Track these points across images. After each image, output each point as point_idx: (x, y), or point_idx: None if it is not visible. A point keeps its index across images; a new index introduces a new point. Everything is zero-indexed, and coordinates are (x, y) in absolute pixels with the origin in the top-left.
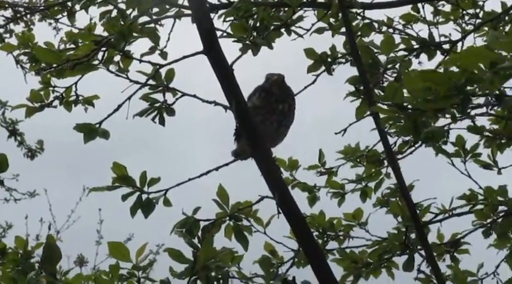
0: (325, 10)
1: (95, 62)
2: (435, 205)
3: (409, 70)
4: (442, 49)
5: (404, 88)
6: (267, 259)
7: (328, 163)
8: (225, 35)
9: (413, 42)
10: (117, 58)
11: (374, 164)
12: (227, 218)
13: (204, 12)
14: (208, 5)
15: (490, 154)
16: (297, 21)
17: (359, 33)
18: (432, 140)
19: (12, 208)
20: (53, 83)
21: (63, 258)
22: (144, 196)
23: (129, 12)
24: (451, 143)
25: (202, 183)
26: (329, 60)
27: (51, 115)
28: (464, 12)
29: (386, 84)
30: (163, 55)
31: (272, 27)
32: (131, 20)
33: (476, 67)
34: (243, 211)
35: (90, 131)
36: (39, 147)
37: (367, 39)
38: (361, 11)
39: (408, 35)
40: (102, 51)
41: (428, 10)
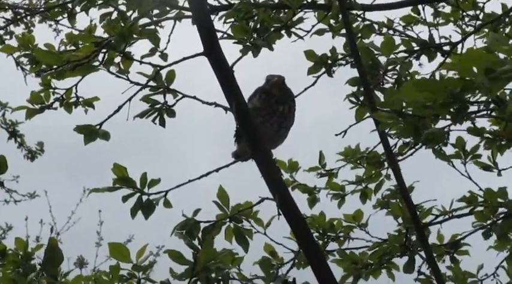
0: (325, 12)
1: (96, 63)
2: (435, 206)
3: (409, 72)
4: (442, 51)
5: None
6: (267, 260)
7: (328, 165)
8: (226, 36)
9: (413, 44)
10: (118, 59)
11: (374, 165)
12: (227, 219)
13: (205, 14)
14: (208, 7)
15: (490, 155)
16: (297, 22)
17: (359, 35)
18: (432, 142)
19: (12, 209)
20: (53, 85)
21: (63, 260)
22: (144, 198)
23: (129, 14)
24: (451, 144)
25: (202, 184)
26: (329, 61)
27: (52, 117)
28: (465, 13)
29: (386, 85)
30: (163, 57)
31: (272, 29)
32: (131, 21)
33: (473, 74)
34: (243, 213)
35: (90, 132)
36: (39, 148)
37: (367, 41)
38: (361, 12)
39: (408, 37)
40: (102, 52)
41: (428, 12)
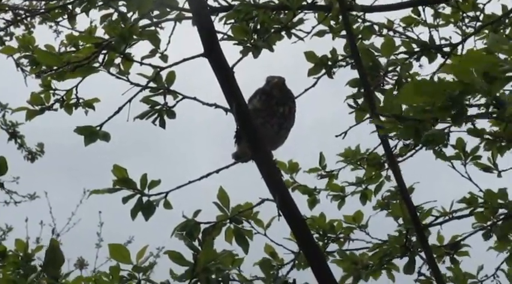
0: (325, 13)
1: (96, 65)
2: (435, 207)
3: (409, 73)
4: (442, 52)
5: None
6: (267, 261)
7: (328, 166)
8: (226, 37)
9: (413, 45)
10: (118, 60)
11: (374, 167)
12: (228, 221)
13: (205, 15)
14: (208, 8)
15: (490, 157)
16: (298, 24)
17: (359, 36)
18: (433, 143)
19: (13, 210)
20: (53, 86)
21: None
22: (144, 199)
23: (129, 15)
24: (451, 146)
25: (202, 185)
26: (329, 63)
27: (52, 118)
28: (465, 15)
29: (387, 86)
30: (163, 58)
31: (273, 30)
32: (132, 22)
33: (472, 77)
34: (244, 214)
35: (90, 134)
36: (39, 149)
37: (367, 42)
38: (362, 13)
39: (409, 38)
40: (102, 53)
41: (428, 13)
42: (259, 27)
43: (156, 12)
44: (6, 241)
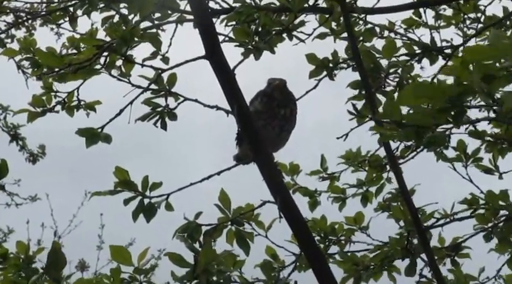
0: (326, 15)
1: (97, 67)
2: (437, 210)
3: (411, 75)
4: (443, 54)
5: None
6: (269, 263)
7: (329, 168)
8: (227, 39)
9: (415, 47)
10: (119, 63)
11: (376, 169)
12: (229, 223)
13: (206, 17)
14: (210, 10)
15: (491, 158)
16: (299, 26)
17: (361, 38)
18: (434, 145)
19: (14, 213)
20: (55, 88)
21: None
22: (146, 201)
23: (131, 18)
24: (452, 148)
25: (204, 187)
26: (331, 65)
27: (53, 120)
28: (466, 16)
29: (388, 88)
30: (165, 60)
31: (274, 32)
32: (133, 25)
33: (471, 78)
34: (245, 216)
35: (92, 136)
36: (40, 151)
37: (368, 44)
38: (363, 15)
39: (410, 40)
40: (104, 56)
41: (429, 14)
42: (260, 29)
43: (157, 15)
44: (8, 243)
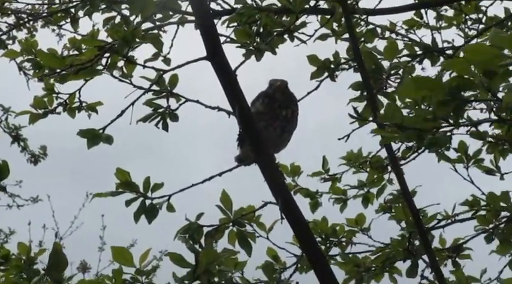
0: (328, 16)
1: (99, 68)
2: (438, 210)
3: (412, 76)
4: (445, 54)
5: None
6: (270, 264)
7: (331, 169)
8: (229, 40)
9: (416, 48)
10: (121, 63)
11: (377, 170)
12: (230, 224)
13: (208, 18)
14: (211, 11)
15: (493, 159)
16: (300, 27)
17: (362, 39)
18: (436, 146)
19: (15, 214)
20: (56, 90)
21: None
22: (147, 202)
23: (132, 19)
24: (453, 149)
25: (205, 188)
26: (332, 66)
27: (55, 122)
28: (467, 17)
29: (389, 89)
30: (166, 61)
31: (275, 33)
32: (134, 26)
33: (472, 72)
34: (246, 217)
35: (93, 137)
36: (42, 152)
37: (370, 45)
38: (364, 16)
39: (411, 41)
40: (105, 57)
41: (431, 15)
42: (261, 30)
43: (158, 16)
44: (9, 245)
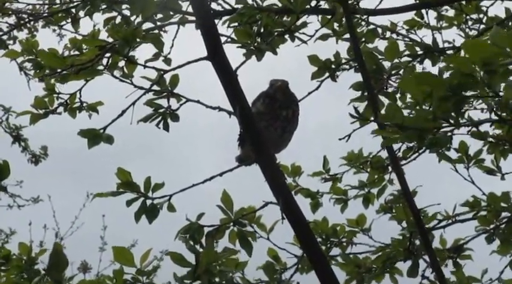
0: (329, 16)
1: (99, 68)
2: (438, 211)
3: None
4: (445, 55)
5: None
6: (271, 264)
7: (331, 170)
8: (229, 40)
9: (417, 48)
10: (122, 64)
11: (378, 170)
12: (231, 224)
13: (208, 18)
14: (212, 11)
15: (494, 159)
16: (301, 27)
17: (363, 39)
18: (436, 146)
19: (16, 214)
20: (57, 90)
21: None
22: (148, 202)
23: (133, 19)
24: (454, 149)
25: (206, 188)
26: (333, 66)
27: (56, 122)
28: (468, 17)
29: (390, 90)
30: (167, 61)
31: (276, 33)
32: (135, 26)
33: (472, 68)
34: (247, 217)
35: (94, 136)
36: (43, 152)
37: (371, 45)
38: (365, 17)
39: (412, 41)
40: (106, 57)
41: (432, 15)
42: (262, 30)
43: (159, 16)
44: (10, 245)
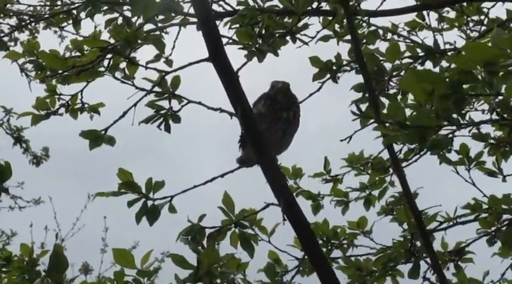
0: (330, 18)
1: (101, 69)
2: (439, 212)
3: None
4: (447, 56)
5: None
6: (272, 266)
7: (332, 171)
8: (231, 42)
9: (418, 50)
10: (123, 65)
11: (379, 171)
12: (233, 225)
13: (210, 20)
14: (213, 13)
15: (495, 161)
16: (302, 28)
17: (364, 41)
18: (438, 148)
19: (17, 215)
20: (58, 91)
21: (68, 266)
22: (149, 203)
23: (134, 20)
24: (455, 151)
25: (207, 190)
26: (334, 67)
27: (57, 123)
28: (469, 19)
29: (391, 91)
30: (168, 62)
31: (277, 35)
32: (136, 27)
33: (472, 66)
34: (248, 218)
35: (95, 138)
36: (44, 154)
37: (372, 47)
38: (366, 18)
39: (413, 42)
40: (107, 58)
41: (433, 17)
42: (264, 31)
43: (161, 17)
44: (11, 246)
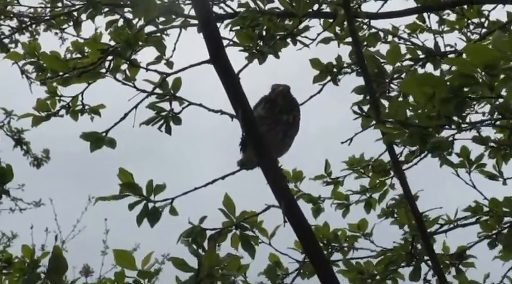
0: (331, 20)
1: (102, 71)
2: (440, 215)
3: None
4: (447, 58)
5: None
6: (273, 268)
7: (333, 174)
8: (231, 44)
9: (419, 52)
10: (124, 67)
11: (380, 174)
12: (233, 227)
13: (211, 22)
14: (214, 15)
15: (495, 164)
16: (303, 31)
17: (365, 43)
18: (438, 150)
19: (18, 218)
20: (59, 93)
21: (69, 268)
22: (150, 205)
23: (135, 22)
24: (455, 154)
25: (208, 192)
26: (335, 70)
27: (58, 125)
28: (470, 21)
29: (392, 93)
30: (169, 64)
31: (278, 37)
32: (137, 29)
33: (473, 69)
34: (249, 220)
35: (96, 140)
36: (45, 155)
37: (373, 49)
38: (367, 20)
39: (414, 45)
40: (108, 60)
41: (433, 19)
42: (264, 33)
43: (161, 19)
44: (11, 249)
